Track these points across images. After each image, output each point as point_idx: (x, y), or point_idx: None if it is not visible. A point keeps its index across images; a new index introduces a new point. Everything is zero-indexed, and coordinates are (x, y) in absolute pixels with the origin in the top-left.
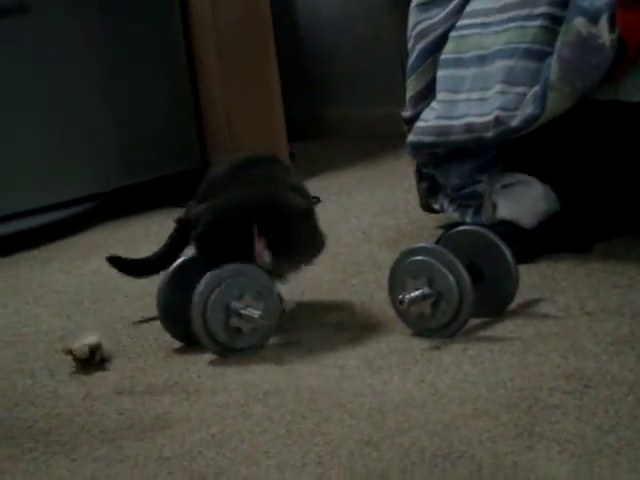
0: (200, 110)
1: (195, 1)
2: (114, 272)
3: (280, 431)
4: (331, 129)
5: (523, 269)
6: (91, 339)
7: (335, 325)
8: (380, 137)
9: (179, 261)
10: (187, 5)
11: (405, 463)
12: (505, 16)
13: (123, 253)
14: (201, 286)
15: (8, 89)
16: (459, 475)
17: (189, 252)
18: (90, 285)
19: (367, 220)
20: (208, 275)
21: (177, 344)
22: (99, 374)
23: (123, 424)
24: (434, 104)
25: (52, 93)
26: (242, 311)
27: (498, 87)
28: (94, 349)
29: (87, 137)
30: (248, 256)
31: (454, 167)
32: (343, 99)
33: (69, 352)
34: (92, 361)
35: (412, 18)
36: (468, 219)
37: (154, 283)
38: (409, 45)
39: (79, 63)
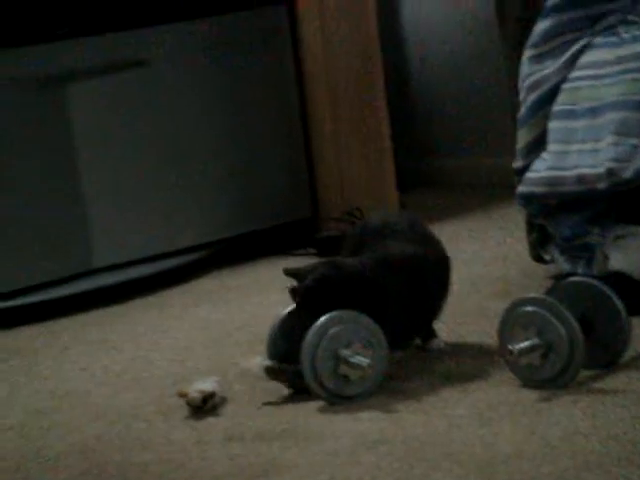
0: (312, 162)
1: (308, 57)
2: (225, 318)
3: None
4: (441, 179)
5: (635, 321)
6: (206, 386)
7: (443, 374)
8: (490, 187)
9: (289, 308)
10: (300, 62)
11: None
12: (619, 68)
13: (234, 301)
14: (310, 333)
15: (126, 140)
16: None
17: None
18: (202, 331)
19: (477, 270)
20: (317, 322)
21: (286, 391)
22: (211, 419)
23: (233, 470)
24: (545, 155)
25: (168, 144)
26: (350, 359)
27: (610, 138)
28: (207, 397)
29: (202, 188)
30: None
31: (565, 218)
32: (453, 149)
33: (183, 396)
34: (205, 408)
35: (524, 70)
36: (579, 270)
37: (265, 330)
38: (521, 96)
39: (196, 117)
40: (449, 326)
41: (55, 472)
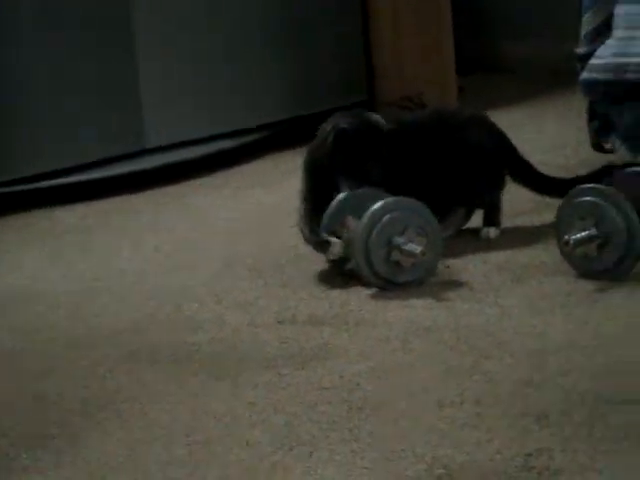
0: (369, 45)
1: None
2: (279, 201)
3: (439, 367)
4: (502, 64)
5: None
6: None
7: (498, 264)
8: (552, 74)
9: (342, 194)
10: None
11: (565, 405)
12: None
13: (288, 184)
14: (364, 220)
15: (182, 18)
16: (621, 420)
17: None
18: (256, 214)
19: (535, 157)
20: (370, 209)
21: (339, 277)
22: (262, 302)
23: (284, 353)
24: (610, 41)
25: (224, 25)
26: (403, 246)
27: None
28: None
29: (257, 70)
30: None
31: (629, 106)
32: (516, 34)
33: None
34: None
35: None
36: None
37: None
38: None
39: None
40: (505, 214)
41: (107, 349)
